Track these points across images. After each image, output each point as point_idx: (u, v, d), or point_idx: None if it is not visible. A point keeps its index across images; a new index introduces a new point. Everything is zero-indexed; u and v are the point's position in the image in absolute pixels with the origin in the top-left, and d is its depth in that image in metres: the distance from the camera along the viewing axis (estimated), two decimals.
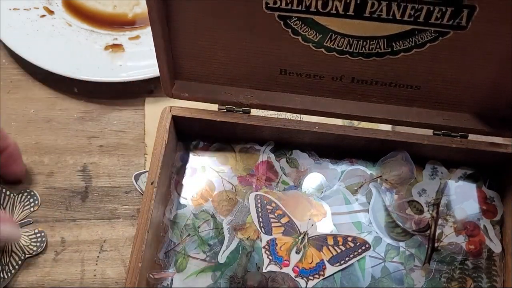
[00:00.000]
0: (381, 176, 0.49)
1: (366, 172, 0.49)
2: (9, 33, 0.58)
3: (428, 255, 0.46)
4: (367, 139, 0.47)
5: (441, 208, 0.48)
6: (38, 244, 0.49)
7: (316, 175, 0.49)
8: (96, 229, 0.51)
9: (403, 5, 0.36)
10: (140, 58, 0.59)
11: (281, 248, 0.45)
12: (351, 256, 0.45)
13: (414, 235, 0.47)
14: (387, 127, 0.50)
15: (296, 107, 0.46)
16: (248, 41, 0.41)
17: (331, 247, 0.45)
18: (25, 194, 0.51)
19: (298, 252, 0.45)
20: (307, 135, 0.47)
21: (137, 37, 0.62)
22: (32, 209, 0.51)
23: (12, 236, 0.46)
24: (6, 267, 0.47)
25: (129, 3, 0.65)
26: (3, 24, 0.59)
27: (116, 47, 0.60)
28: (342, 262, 0.45)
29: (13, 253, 0.48)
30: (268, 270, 0.45)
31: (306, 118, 0.48)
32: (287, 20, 0.38)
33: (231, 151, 0.50)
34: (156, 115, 0.47)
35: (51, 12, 0.63)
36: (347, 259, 0.45)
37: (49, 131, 0.56)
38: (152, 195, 0.42)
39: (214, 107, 0.47)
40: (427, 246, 0.46)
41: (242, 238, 0.46)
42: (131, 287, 0.40)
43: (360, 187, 0.48)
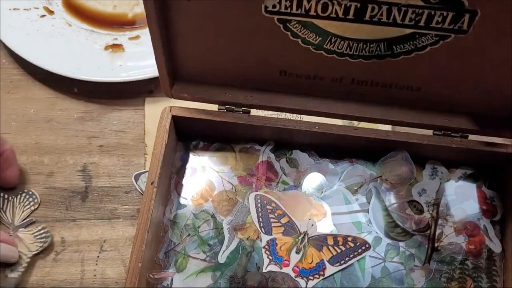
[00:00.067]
0: (381, 176, 0.49)
1: (366, 172, 0.49)
2: (9, 33, 0.58)
3: (428, 255, 0.46)
4: (367, 139, 0.47)
5: (441, 208, 0.48)
6: (44, 240, 0.49)
7: (316, 175, 0.49)
8: (96, 229, 0.51)
9: (403, 9, 0.35)
10: (140, 58, 0.59)
11: (281, 248, 0.45)
12: (351, 256, 0.45)
13: (414, 235, 0.47)
14: (387, 127, 0.50)
15: (296, 107, 0.46)
16: (248, 43, 0.41)
17: (331, 247, 0.45)
18: (23, 194, 0.51)
19: (298, 252, 0.45)
20: (307, 135, 0.47)
21: (137, 37, 0.62)
22: (32, 208, 0.51)
23: (9, 259, 0.47)
24: (14, 266, 0.47)
25: (129, 3, 0.65)
26: (3, 24, 0.59)
27: (116, 47, 0.60)
28: (342, 262, 0.45)
29: (20, 253, 0.48)
30: (268, 270, 0.45)
31: (306, 118, 0.48)
32: (287, 24, 0.38)
33: (231, 151, 0.50)
34: (156, 115, 0.47)
35: (51, 12, 0.63)
36: (347, 259, 0.45)
37: (49, 131, 0.56)
38: (152, 195, 0.42)
39: (214, 107, 0.47)
40: (427, 246, 0.46)
41: (242, 238, 0.46)
42: (131, 287, 0.40)
43: (360, 187, 0.48)
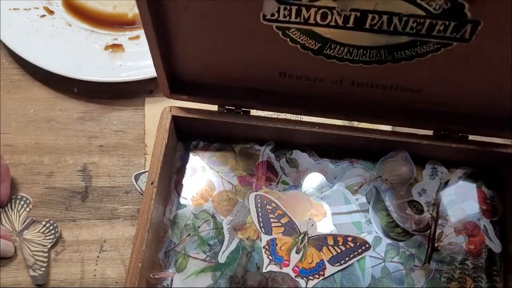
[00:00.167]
0: (381, 176, 0.49)
1: (366, 172, 0.49)
2: (9, 33, 0.58)
3: (428, 255, 0.46)
4: (367, 139, 0.47)
5: (441, 208, 0.48)
6: (53, 232, 0.49)
7: (316, 175, 0.49)
8: (96, 229, 0.51)
9: (404, 19, 0.35)
10: (140, 58, 0.59)
11: (281, 248, 0.45)
12: (351, 256, 0.45)
13: (414, 235, 0.47)
14: (387, 127, 0.50)
15: (296, 108, 0.46)
16: (247, 44, 0.40)
17: (331, 247, 0.45)
18: (13, 200, 0.51)
19: (298, 252, 0.45)
20: (307, 135, 0.47)
21: (137, 37, 0.62)
22: (27, 209, 0.51)
23: (6, 253, 0.47)
24: (36, 265, 0.48)
25: (129, 3, 0.65)
26: (3, 24, 0.59)
27: (116, 47, 0.60)
28: (342, 262, 0.45)
29: (35, 253, 0.48)
30: (268, 270, 0.44)
31: (306, 118, 0.48)
32: (286, 31, 0.38)
33: (231, 151, 0.50)
34: (156, 115, 0.47)
35: (51, 12, 0.63)
36: (347, 259, 0.45)
37: (49, 131, 0.56)
38: (152, 195, 0.42)
39: (214, 107, 0.47)
40: (427, 246, 0.46)
41: (242, 238, 0.46)
42: (131, 287, 0.40)
43: (360, 187, 0.48)
